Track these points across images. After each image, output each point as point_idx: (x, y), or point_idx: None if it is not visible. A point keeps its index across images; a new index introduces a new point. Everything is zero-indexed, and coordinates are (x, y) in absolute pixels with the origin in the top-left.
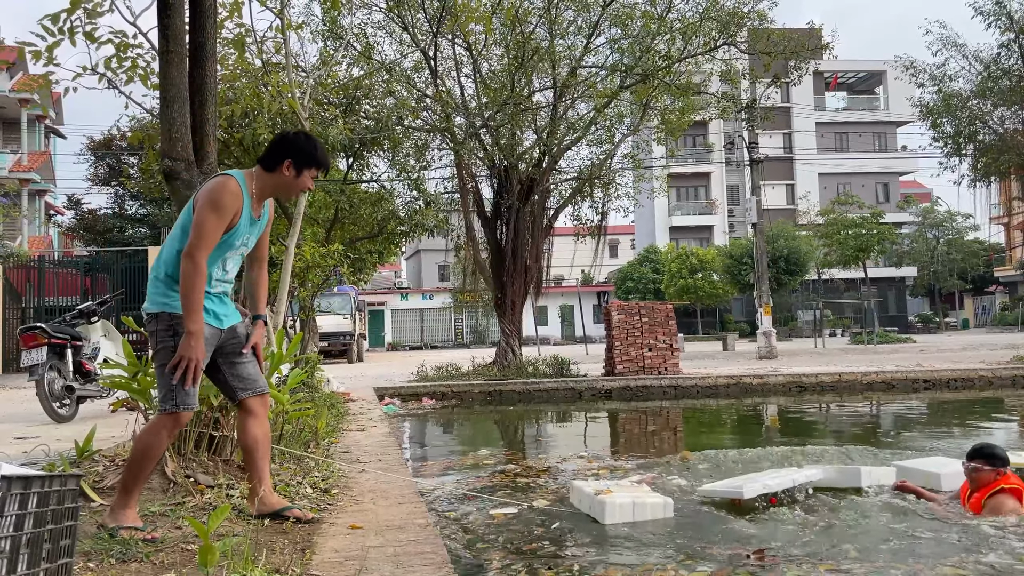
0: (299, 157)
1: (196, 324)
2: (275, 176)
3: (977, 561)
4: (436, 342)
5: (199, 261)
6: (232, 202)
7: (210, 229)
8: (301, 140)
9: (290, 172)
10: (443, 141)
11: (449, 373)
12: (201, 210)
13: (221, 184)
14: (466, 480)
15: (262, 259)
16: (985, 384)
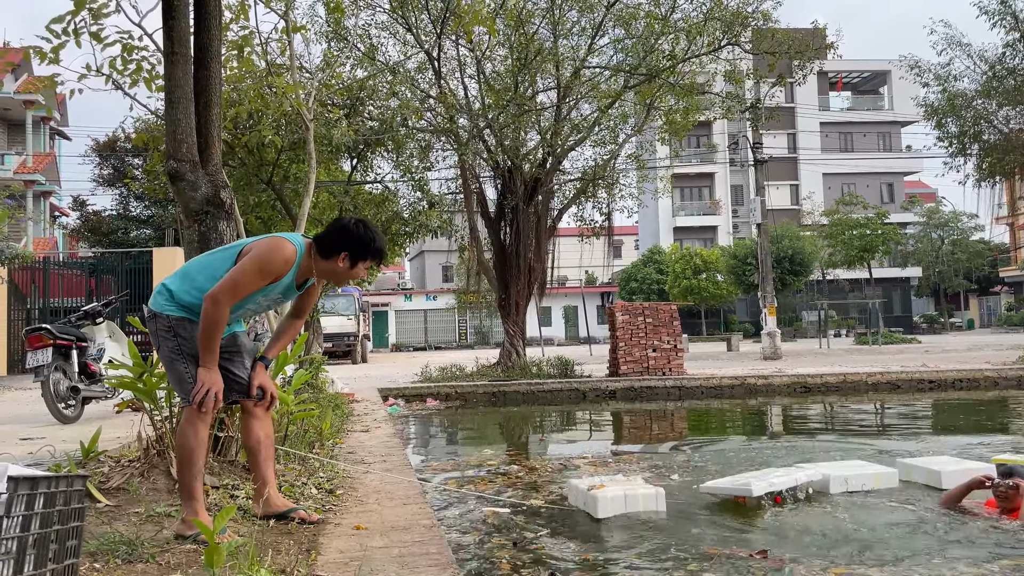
0: (357, 251)
1: (211, 364)
2: (329, 264)
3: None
4: (440, 343)
5: (223, 309)
6: (280, 269)
7: (245, 285)
8: (360, 232)
9: (344, 264)
10: (447, 142)
11: (453, 374)
12: (247, 264)
13: (277, 249)
14: (470, 480)
15: (301, 313)
16: (991, 384)
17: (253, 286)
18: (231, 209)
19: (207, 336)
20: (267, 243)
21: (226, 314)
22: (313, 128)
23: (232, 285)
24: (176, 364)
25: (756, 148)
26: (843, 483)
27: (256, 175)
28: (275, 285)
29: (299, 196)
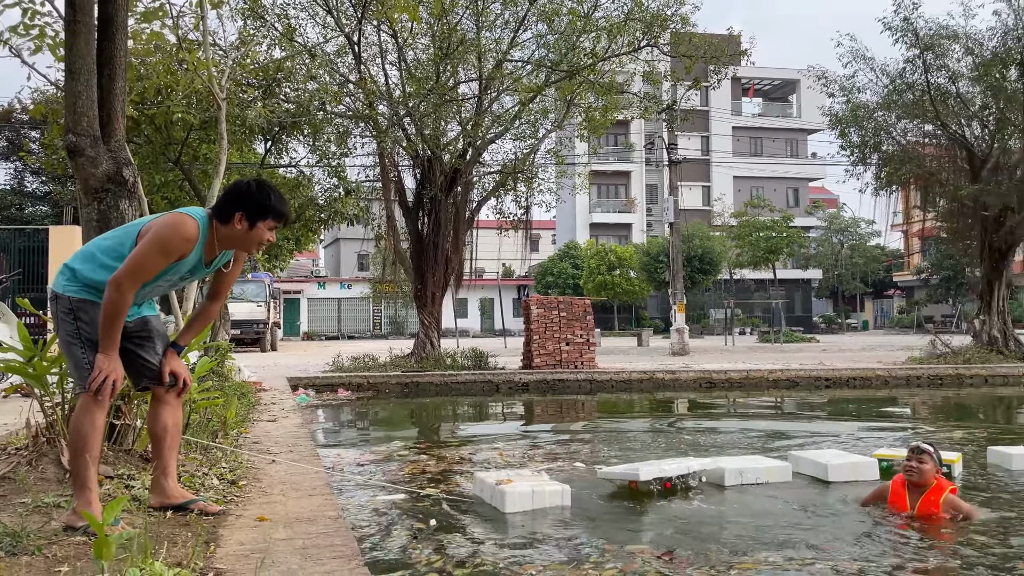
0: (252, 209)
1: (111, 350)
2: (228, 229)
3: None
4: (353, 332)
5: (127, 295)
6: (183, 247)
7: (148, 267)
8: (252, 189)
9: (242, 226)
10: (366, 128)
11: (365, 364)
12: (146, 245)
13: (178, 225)
14: (379, 472)
15: (218, 295)
16: (882, 383)
17: (157, 267)
18: (134, 188)
19: (109, 322)
20: (167, 220)
21: (130, 299)
22: (225, 107)
23: (135, 268)
24: (74, 348)
25: (671, 149)
26: (737, 475)
27: (163, 154)
28: (181, 264)
29: (209, 177)
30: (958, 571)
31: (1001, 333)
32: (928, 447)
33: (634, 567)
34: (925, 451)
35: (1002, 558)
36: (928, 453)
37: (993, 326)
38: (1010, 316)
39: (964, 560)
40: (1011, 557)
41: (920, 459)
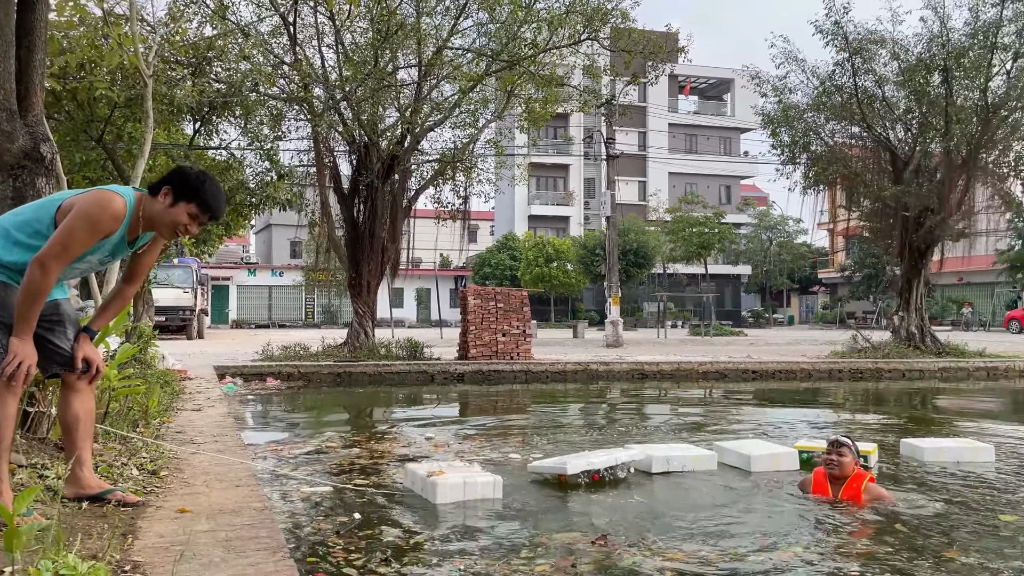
0: (180, 187)
1: (26, 334)
2: (153, 203)
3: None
4: (285, 321)
5: (51, 276)
6: (111, 226)
7: (76, 245)
8: (191, 173)
9: (166, 200)
10: (300, 112)
11: (297, 353)
12: (74, 222)
13: (106, 202)
14: (308, 462)
15: (135, 278)
16: (806, 376)
17: (84, 246)
18: (52, 164)
19: (28, 304)
20: (95, 198)
21: (54, 280)
22: (152, 85)
23: (61, 247)
24: None
25: (609, 143)
26: (664, 464)
27: (85, 131)
28: (104, 243)
29: (133, 157)
30: (883, 555)
31: (918, 329)
32: (846, 440)
33: (567, 561)
34: (844, 444)
35: (922, 543)
36: (847, 446)
37: (911, 323)
38: (927, 313)
39: (888, 544)
40: (931, 546)
41: (839, 452)
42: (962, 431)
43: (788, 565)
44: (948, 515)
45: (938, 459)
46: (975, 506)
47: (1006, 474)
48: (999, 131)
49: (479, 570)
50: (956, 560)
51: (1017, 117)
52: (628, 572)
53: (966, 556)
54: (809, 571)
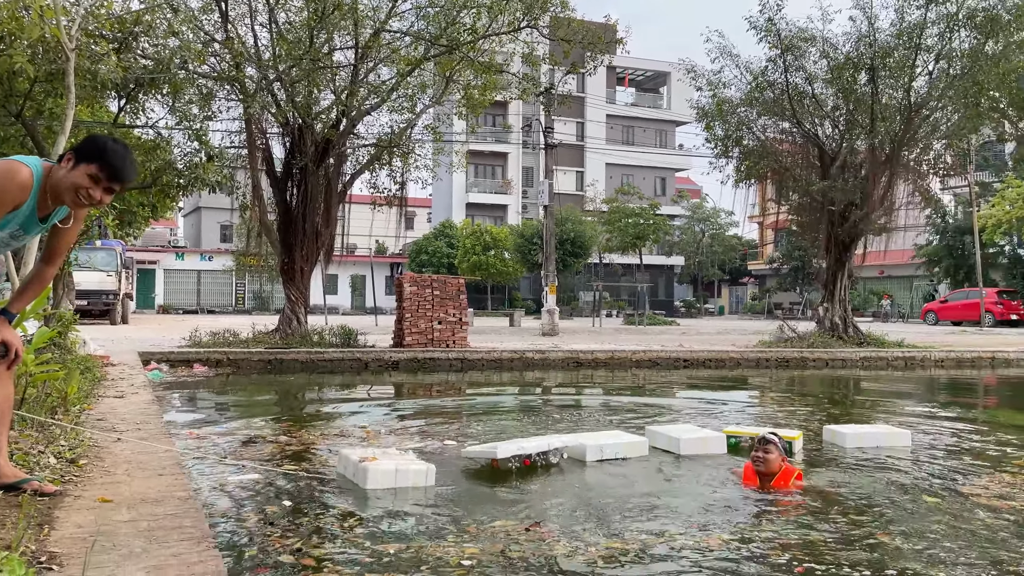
0: (82, 150)
1: None
2: (58, 170)
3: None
4: (215, 307)
5: None
6: (18, 196)
7: None
8: (97, 136)
9: (67, 165)
10: (232, 92)
11: (226, 340)
12: None
13: (10, 172)
14: (236, 450)
15: (53, 258)
16: (735, 364)
17: None
18: None
19: None
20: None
21: None
22: (75, 59)
23: None
24: None
25: (548, 132)
26: (598, 451)
27: (3, 106)
28: (14, 216)
29: (54, 134)
30: (813, 539)
31: (842, 320)
32: (773, 437)
33: (497, 547)
34: (770, 441)
35: (849, 529)
36: (773, 443)
37: (835, 313)
38: (850, 305)
39: (817, 530)
40: (859, 532)
41: (766, 449)
42: (881, 417)
43: (720, 550)
44: (873, 499)
45: (859, 444)
46: (899, 490)
47: (923, 458)
48: (920, 130)
49: (409, 555)
50: (888, 544)
51: (937, 117)
52: (560, 558)
53: (897, 540)
54: (741, 556)
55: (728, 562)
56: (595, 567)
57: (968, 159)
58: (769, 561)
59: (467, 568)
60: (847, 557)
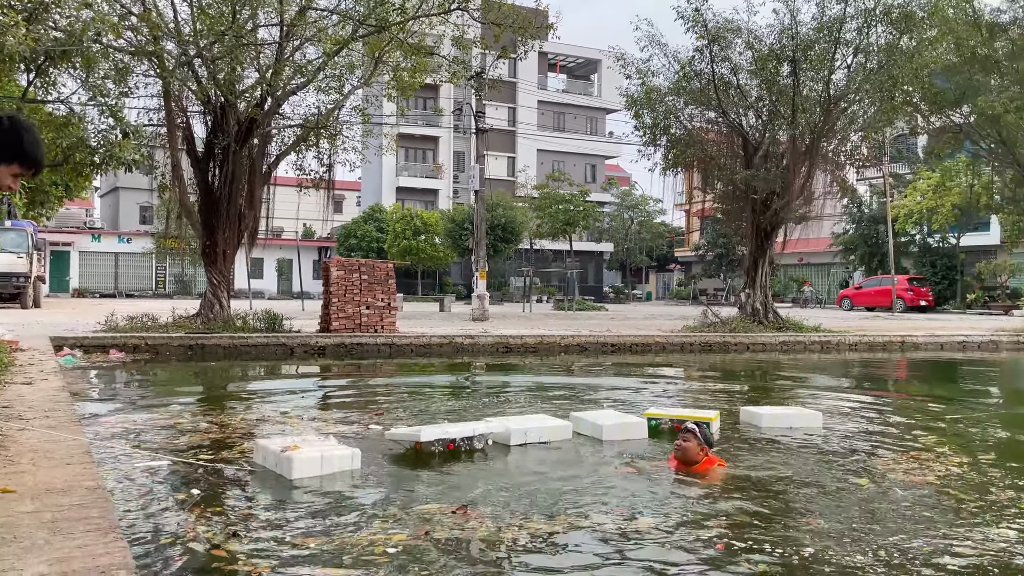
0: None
1: None
2: None
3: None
4: (134, 291)
5: None
6: None
7: None
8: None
9: None
10: (150, 67)
11: (144, 324)
12: None
13: None
14: (153, 438)
15: None
16: (660, 349)
17: None
18: None
19: None
20: None
21: None
22: None
23: None
24: None
25: (479, 117)
26: (523, 435)
27: None
28: None
29: None
30: (735, 518)
31: (763, 306)
32: (693, 427)
33: (422, 530)
34: (689, 431)
35: (767, 507)
36: (692, 432)
37: (756, 299)
38: (771, 291)
39: (737, 509)
40: (785, 513)
41: (684, 438)
42: (796, 399)
43: (642, 531)
44: (791, 479)
45: (774, 425)
46: (814, 468)
47: (834, 438)
48: (839, 122)
49: (334, 543)
50: (806, 523)
51: (855, 110)
52: (484, 541)
53: (817, 519)
54: (662, 536)
55: (651, 543)
56: (520, 549)
57: (883, 151)
58: (688, 542)
59: (391, 556)
60: (766, 535)
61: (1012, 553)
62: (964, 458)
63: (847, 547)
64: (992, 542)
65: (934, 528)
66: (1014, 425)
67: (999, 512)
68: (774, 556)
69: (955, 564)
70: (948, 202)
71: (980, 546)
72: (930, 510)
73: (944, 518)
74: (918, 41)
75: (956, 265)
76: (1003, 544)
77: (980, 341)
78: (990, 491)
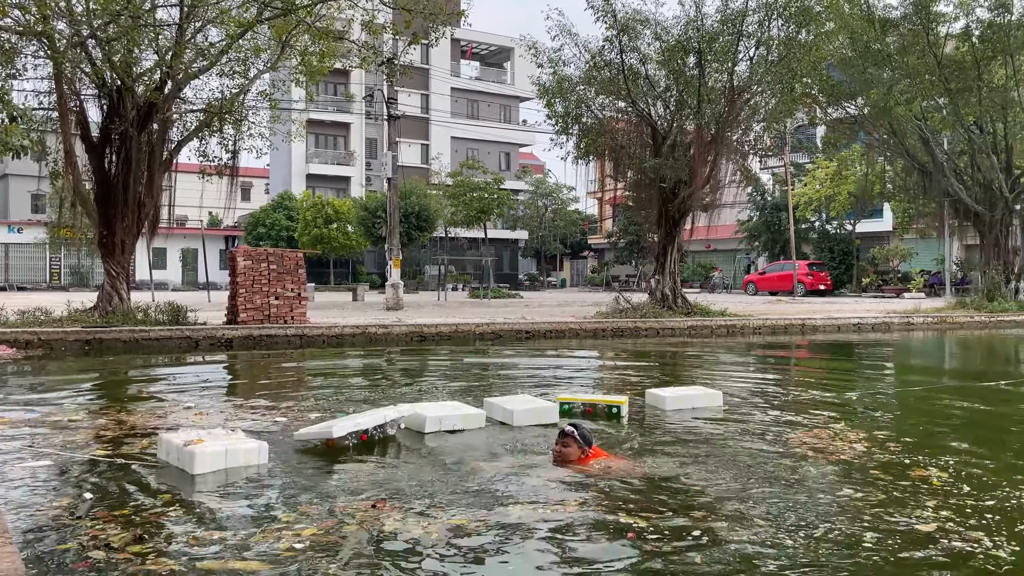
0: None
1: None
2: None
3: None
4: (25, 283)
5: None
6: None
7: None
8: None
9: None
10: (40, 48)
11: (36, 319)
12: None
13: None
14: (45, 437)
15: None
16: (573, 335)
17: None
18: None
19: None
20: None
21: None
22: None
23: None
24: None
25: (390, 103)
26: (437, 423)
27: None
28: None
29: None
30: (636, 503)
31: (671, 291)
32: (571, 428)
33: (327, 525)
34: (568, 434)
35: (673, 490)
36: (571, 436)
37: (665, 285)
38: (680, 277)
39: (611, 495)
40: (684, 495)
41: (564, 443)
42: (700, 380)
43: (555, 519)
44: (699, 459)
45: (677, 406)
46: (725, 447)
47: (738, 416)
48: (742, 112)
49: (239, 540)
50: (718, 506)
51: (757, 101)
52: (393, 534)
53: (733, 502)
54: (572, 524)
55: (563, 532)
56: (436, 541)
57: (784, 141)
58: (593, 532)
59: (298, 551)
60: (676, 520)
61: (918, 531)
62: (863, 434)
63: (764, 524)
64: (903, 519)
65: (837, 497)
66: (907, 402)
67: (912, 490)
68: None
69: (869, 540)
70: (844, 190)
71: (892, 524)
72: (841, 479)
73: (854, 495)
74: (816, 35)
75: (852, 250)
76: (912, 520)
77: (874, 323)
78: (897, 468)
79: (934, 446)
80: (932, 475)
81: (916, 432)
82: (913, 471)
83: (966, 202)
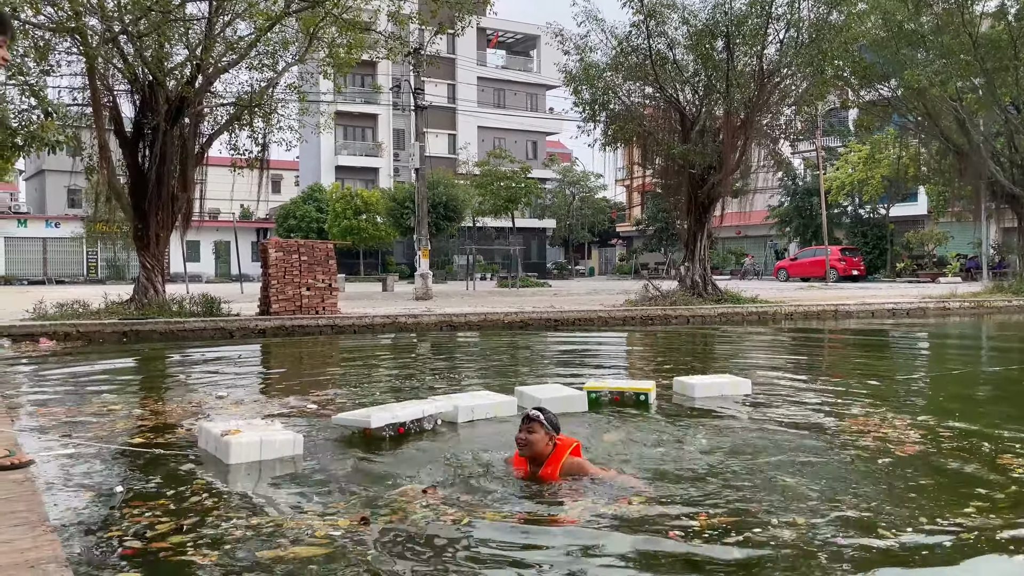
0: None
1: None
2: None
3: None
4: (64, 277)
5: None
6: None
7: None
8: None
9: None
10: (73, 44)
11: (75, 311)
12: None
13: None
14: (85, 427)
15: None
16: (602, 323)
17: None
18: None
19: None
20: None
21: None
22: None
23: None
24: None
25: (418, 94)
26: (469, 413)
27: None
28: None
29: None
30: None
31: (701, 279)
32: (537, 414)
33: (363, 513)
34: (534, 420)
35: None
36: (537, 421)
37: (695, 272)
38: (710, 264)
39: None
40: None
41: (529, 428)
42: (730, 368)
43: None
44: (736, 449)
45: (706, 394)
46: (759, 433)
47: (774, 403)
48: (772, 96)
49: (271, 530)
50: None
51: (788, 84)
52: (434, 521)
53: (786, 489)
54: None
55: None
56: (475, 531)
57: (815, 125)
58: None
59: (333, 538)
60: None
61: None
62: (901, 422)
63: (796, 511)
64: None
65: (867, 484)
66: (944, 387)
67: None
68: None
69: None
70: (878, 174)
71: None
72: (870, 462)
73: (878, 484)
74: (847, 15)
75: (886, 235)
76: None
77: (909, 308)
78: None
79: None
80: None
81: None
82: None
83: (1003, 184)
